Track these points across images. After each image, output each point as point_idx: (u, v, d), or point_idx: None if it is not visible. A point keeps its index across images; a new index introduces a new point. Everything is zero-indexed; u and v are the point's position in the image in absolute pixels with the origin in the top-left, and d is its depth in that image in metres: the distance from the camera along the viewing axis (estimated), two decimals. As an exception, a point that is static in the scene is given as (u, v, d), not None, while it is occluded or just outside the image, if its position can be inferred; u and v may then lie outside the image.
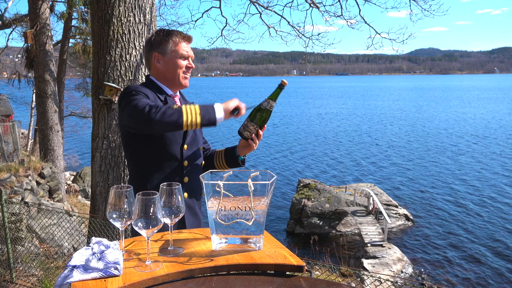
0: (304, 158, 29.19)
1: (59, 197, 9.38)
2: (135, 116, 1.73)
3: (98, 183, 4.09)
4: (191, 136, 2.01)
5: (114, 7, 3.81)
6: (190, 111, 1.70)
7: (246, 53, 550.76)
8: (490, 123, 45.21)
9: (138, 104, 1.74)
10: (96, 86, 4.02)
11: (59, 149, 11.05)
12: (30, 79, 15.20)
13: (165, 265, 1.29)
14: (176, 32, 2.00)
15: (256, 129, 1.94)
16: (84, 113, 20.40)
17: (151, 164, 1.94)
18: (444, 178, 23.61)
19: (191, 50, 2.04)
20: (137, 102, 1.75)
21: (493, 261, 13.99)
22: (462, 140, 34.80)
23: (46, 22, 10.33)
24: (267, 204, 1.41)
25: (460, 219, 17.63)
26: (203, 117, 1.71)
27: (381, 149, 31.85)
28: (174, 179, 1.93)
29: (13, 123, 11.54)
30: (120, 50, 3.90)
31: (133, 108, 1.74)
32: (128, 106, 1.78)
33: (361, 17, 9.28)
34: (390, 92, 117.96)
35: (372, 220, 16.73)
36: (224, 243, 1.43)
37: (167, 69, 1.99)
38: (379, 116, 53.89)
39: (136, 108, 1.73)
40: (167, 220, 1.35)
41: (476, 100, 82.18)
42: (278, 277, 1.29)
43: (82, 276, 1.19)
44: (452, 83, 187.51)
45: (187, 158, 1.99)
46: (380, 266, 13.48)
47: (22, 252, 5.48)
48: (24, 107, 24.48)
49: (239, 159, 2.12)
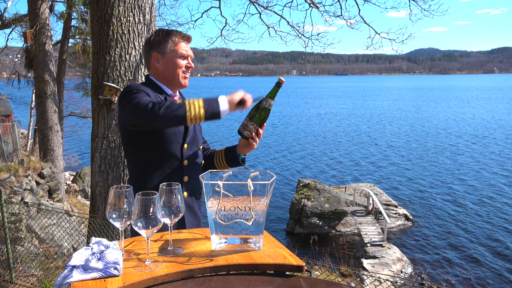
0: (303, 158, 29.20)
1: (58, 197, 9.38)
2: (138, 112, 1.74)
3: (97, 183, 4.09)
4: (191, 135, 2.01)
5: (113, 7, 3.81)
6: (194, 105, 1.70)
7: (246, 53, 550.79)
8: (489, 123, 45.24)
9: (140, 101, 1.74)
10: (95, 86, 4.02)
11: (59, 149, 11.04)
12: (29, 79, 15.19)
13: (164, 265, 1.29)
14: (175, 32, 2.00)
15: (256, 128, 1.94)
16: (83, 113, 20.40)
17: (151, 163, 1.94)
18: (444, 178, 23.63)
19: (190, 49, 2.04)
20: (139, 100, 1.76)
21: (492, 261, 14.00)
22: (461, 140, 34.83)
23: (46, 22, 10.32)
24: (266, 204, 1.41)
25: (459, 219, 17.64)
26: (207, 110, 1.70)
27: (380, 149, 31.87)
28: (174, 178, 1.93)
29: (12, 123, 11.53)
30: (119, 50, 3.90)
31: (136, 105, 1.75)
32: (130, 104, 1.78)
33: (361, 17, 9.28)
34: (390, 92, 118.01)
35: (371, 220, 16.74)
36: (223, 243, 1.43)
37: (167, 68, 1.99)
38: (378, 116, 53.92)
39: (139, 105, 1.73)
40: (166, 220, 1.35)
41: (475, 100, 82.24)
42: (277, 277, 1.29)
43: (81, 276, 1.19)
44: (451, 83, 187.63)
45: (187, 157, 1.99)
46: (379, 266, 13.48)
47: (22, 252, 5.48)
48: (24, 107, 24.47)
49: (240, 158, 2.12)
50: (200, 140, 2.11)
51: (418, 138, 36.11)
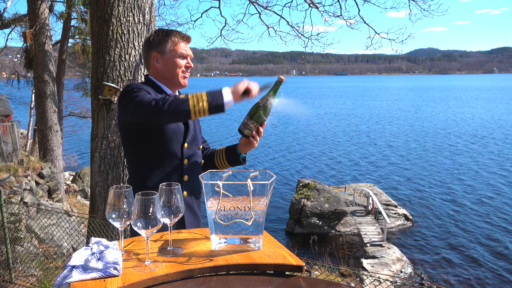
0: (303, 158, 29.20)
1: (58, 197, 9.38)
2: (142, 109, 1.74)
3: (97, 183, 4.09)
4: (191, 135, 2.01)
5: (113, 7, 3.81)
6: (197, 98, 1.70)
7: (246, 53, 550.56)
8: (488, 123, 45.27)
9: (143, 99, 1.75)
10: (95, 86, 4.02)
11: (58, 149, 11.04)
12: (29, 79, 15.19)
13: (164, 265, 1.29)
14: (175, 32, 2.00)
15: (256, 126, 1.93)
16: (83, 113, 20.39)
17: (152, 162, 1.94)
18: (443, 177, 23.64)
19: (190, 49, 2.04)
20: (142, 98, 1.76)
21: (491, 261, 14.01)
22: (461, 140, 34.85)
23: (45, 22, 10.32)
24: (266, 204, 1.41)
25: (459, 219, 17.65)
26: (210, 103, 1.70)
27: (380, 149, 31.88)
28: (175, 177, 1.94)
29: (12, 123, 11.54)
30: (119, 50, 3.89)
31: (139, 102, 1.75)
32: (133, 101, 1.78)
33: (360, 17, 9.28)
34: (389, 92, 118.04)
35: (371, 220, 16.74)
36: (223, 243, 1.43)
37: (166, 68, 1.99)
38: (378, 116, 53.94)
39: (142, 102, 1.74)
40: (166, 220, 1.35)
41: (474, 100, 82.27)
42: (277, 277, 1.29)
43: (81, 276, 1.19)
44: (451, 83, 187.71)
45: (188, 156, 1.99)
46: (379, 266, 13.49)
47: (21, 252, 5.48)
48: (23, 107, 24.47)
49: (240, 157, 2.12)
50: (200, 139, 2.11)
51: (417, 138, 36.13)
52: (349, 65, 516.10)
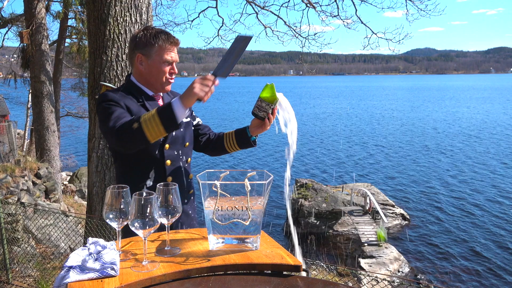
0: (300, 157, 29.19)
1: (55, 197, 9.35)
2: (108, 139, 1.80)
3: (94, 184, 4.08)
4: (172, 135, 1.96)
5: (110, 7, 3.80)
6: (151, 124, 1.64)
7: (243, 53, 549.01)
8: (485, 123, 45.43)
9: (108, 128, 1.74)
10: (92, 86, 4.00)
11: (56, 149, 11.01)
12: (26, 79, 15.13)
13: (162, 265, 1.29)
14: (163, 35, 1.91)
15: (272, 107, 1.93)
16: (80, 113, 20.34)
17: (133, 165, 1.92)
18: (440, 177, 23.71)
19: (177, 54, 1.97)
20: (106, 126, 1.76)
21: (489, 259, 14.05)
22: (457, 139, 34.96)
23: (42, 21, 10.29)
24: (264, 204, 1.41)
25: (456, 218, 17.70)
26: (166, 126, 1.64)
27: (377, 149, 31.93)
28: (158, 179, 1.91)
29: (9, 123, 11.50)
30: (116, 50, 3.88)
31: (104, 131, 1.79)
32: (101, 125, 1.82)
33: (358, 17, 9.32)
34: (386, 92, 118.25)
35: (369, 220, 16.77)
36: (221, 243, 1.43)
37: (150, 72, 1.93)
38: (375, 116, 54.01)
39: (105, 133, 1.78)
40: (163, 220, 1.35)
41: (471, 100, 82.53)
42: (275, 277, 1.29)
43: (78, 277, 1.19)
44: (448, 83, 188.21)
45: (170, 157, 1.95)
46: (377, 266, 13.51)
47: (19, 252, 5.46)
48: (20, 107, 24.39)
49: (251, 139, 2.08)
50: (186, 137, 2.06)
51: (414, 138, 36.21)
52: (347, 65, 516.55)
